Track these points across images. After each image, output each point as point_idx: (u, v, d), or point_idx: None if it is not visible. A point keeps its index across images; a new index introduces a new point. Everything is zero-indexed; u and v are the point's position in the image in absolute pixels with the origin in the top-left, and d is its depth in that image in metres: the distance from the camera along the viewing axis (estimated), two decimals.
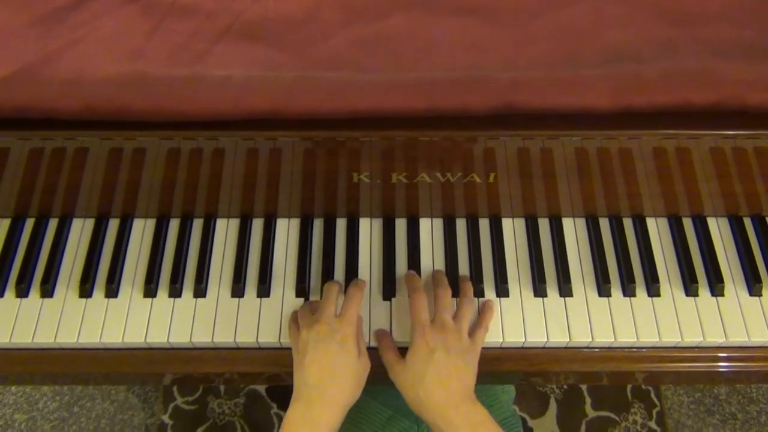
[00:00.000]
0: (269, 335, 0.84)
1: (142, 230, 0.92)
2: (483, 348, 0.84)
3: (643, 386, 1.60)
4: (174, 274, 0.88)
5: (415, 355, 0.76)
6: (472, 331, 0.81)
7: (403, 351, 0.80)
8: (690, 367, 0.87)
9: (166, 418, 1.57)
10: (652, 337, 0.84)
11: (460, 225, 0.92)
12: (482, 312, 0.84)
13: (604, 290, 0.86)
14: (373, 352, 0.82)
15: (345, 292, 0.84)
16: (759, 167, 0.83)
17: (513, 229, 0.92)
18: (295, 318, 0.84)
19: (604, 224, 0.92)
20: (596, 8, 0.83)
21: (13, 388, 1.62)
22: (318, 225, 0.93)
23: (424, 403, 0.73)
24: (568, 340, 0.84)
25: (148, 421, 1.59)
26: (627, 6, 0.84)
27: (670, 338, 0.84)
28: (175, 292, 0.87)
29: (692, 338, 0.84)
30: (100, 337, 0.84)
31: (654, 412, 1.57)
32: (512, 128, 0.76)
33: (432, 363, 0.74)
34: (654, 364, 0.86)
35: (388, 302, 0.87)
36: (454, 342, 0.76)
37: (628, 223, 0.92)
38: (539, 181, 0.86)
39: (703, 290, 0.87)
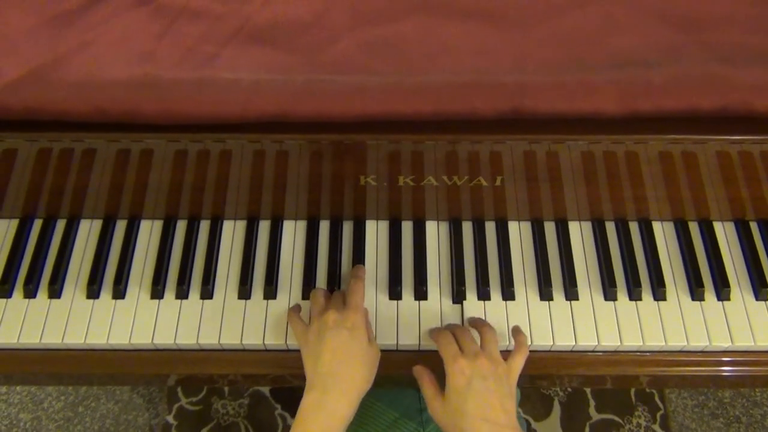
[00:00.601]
0: (276, 337, 0.84)
1: (149, 231, 0.92)
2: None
3: (647, 389, 1.60)
4: (181, 275, 0.88)
5: (452, 387, 0.74)
6: (510, 357, 0.79)
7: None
8: (695, 371, 0.87)
9: (170, 418, 1.57)
10: (657, 341, 0.84)
11: (467, 228, 0.92)
12: (515, 336, 0.83)
13: (610, 294, 0.87)
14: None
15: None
16: (765, 172, 0.83)
17: (519, 233, 0.92)
18: (294, 312, 0.84)
19: (611, 228, 0.92)
20: (604, 13, 0.83)
21: (18, 387, 1.63)
22: (324, 227, 0.93)
23: None
24: (573, 343, 0.84)
25: (153, 421, 1.59)
26: (634, 11, 0.84)
27: (676, 342, 0.84)
28: (182, 293, 0.87)
29: (698, 342, 0.84)
30: (108, 338, 0.84)
31: (658, 415, 1.57)
32: (519, 132, 0.77)
33: (471, 393, 0.72)
34: (659, 368, 0.86)
35: (394, 304, 0.87)
36: (489, 368, 0.75)
37: (634, 227, 0.92)
38: (546, 185, 0.86)
39: (709, 294, 0.87)
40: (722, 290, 0.86)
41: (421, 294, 0.87)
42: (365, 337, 0.78)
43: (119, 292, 0.87)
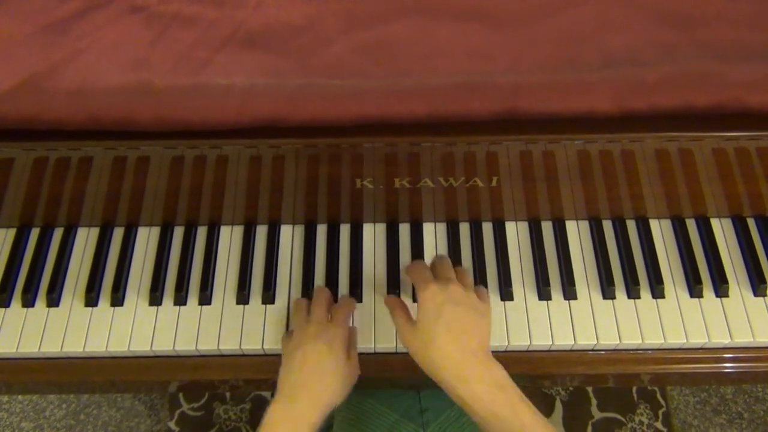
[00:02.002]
0: (275, 342, 0.84)
1: (146, 238, 0.92)
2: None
3: (649, 387, 1.60)
4: (179, 281, 0.88)
5: (423, 313, 0.71)
6: (477, 293, 0.77)
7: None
8: (695, 368, 0.87)
9: (172, 424, 1.57)
10: (657, 338, 0.84)
11: (464, 229, 0.92)
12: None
13: (608, 293, 0.87)
14: (378, 358, 0.82)
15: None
16: (761, 168, 0.83)
17: (516, 233, 0.92)
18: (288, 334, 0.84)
19: (608, 226, 0.92)
20: (597, 12, 0.84)
21: (19, 396, 1.62)
22: (322, 231, 0.93)
23: (438, 363, 0.69)
24: (573, 342, 0.84)
25: (155, 427, 1.59)
26: (628, 10, 0.84)
27: (675, 339, 0.84)
28: (181, 299, 0.87)
29: (697, 339, 0.84)
30: (107, 346, 0.84)
31: (660, 412, 1.57)
32: (514, 133, 0.77)
33: (442, 318, 0.70)
34: (659, 366, 0.86)
35: None
36: (461, 294, 0.72)
37: (631, 225, 0.92)
38: (542, 185, 0.86)
39: (708, 291, 0.87)
40: (720, 287, 0.86)
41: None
42: (343, 352, 0.76)
43: (117, 300, 0.87)
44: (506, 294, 0.87)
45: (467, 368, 0.68)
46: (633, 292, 0.87)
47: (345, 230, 0.93)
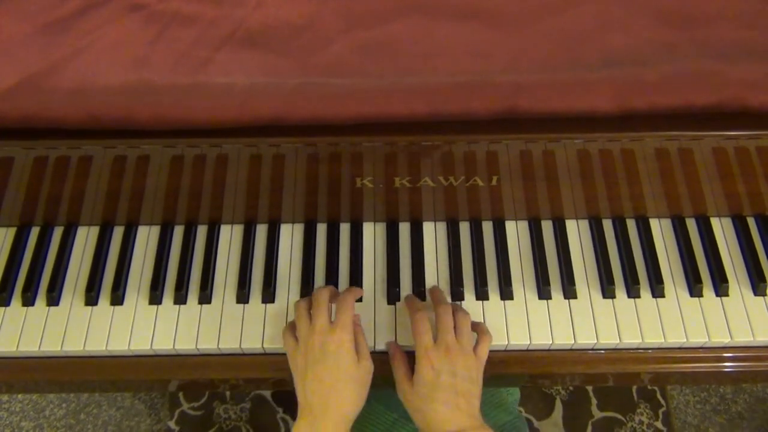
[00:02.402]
0: (275, 341, 0.84)
1: (146, 237, 0.92)
2: (489, 351, 0.84)
3: (649, 386, 1.60)
4: (179, 280, 0.88)
5: (421, 378, 0.75)
6: (475, 346, 0.80)
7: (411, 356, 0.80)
8: (695, 367, 0.87)
9: (172, 424, 1.57)
10: (657, 338, 0.84)
11: (464, 228, 0.92)
12: (477, 328, 0.83)
13: (608, 292, 0.87)
14: (378, 357, 0.82)
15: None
16: (761, 167, 0.83)
17: (516, 232, 0.92)
18: (289, 329, 0.82)
19: (608, 226, 0.92)
20: (597, 12, 0.84)
21: (19, 395, 1.63)
22: (321, 230, 0.93)
23: (432, 425, 0.73)
24: (573, 342, 0.84)
25: (155, 427, 1.59)
26: (628, 9, 0.84)
27: (675, 339, 0.84)
28: (181, 298, 0.87)
29: (697, 338, 0.84)
30: (107, 345, 0.84)
31: (660, 412, 1.57)
32: (514, 132, 0.77)
33: (439, 388, 0.74)
34: (659, 365, 0.86)
35: (392, 306, 0.87)
36: (459, 363, 0.75)
37: (631, 225, 0.92)
38: (542, 184, 0.86)
39: (708, 290, 0.87)
40: (720, 286, 0.86)
41: (419, 296, 0.87)
42: (353, 357, 0.76)
43: (117, 299, 0.87)
44: (506, 293, 0.87)
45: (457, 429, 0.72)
46: (633, 292, 0.86)
47: (345, 229, 0.93)
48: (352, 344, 0.76)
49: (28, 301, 0.87)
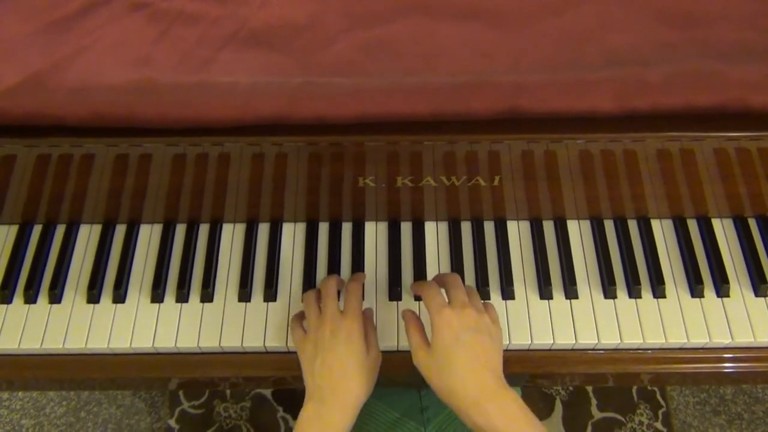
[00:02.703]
0: (276, 339, 0.85)
1: (148, 236, 0.92)
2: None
3: (649, 387, 1.60)
4: (181, 279, 0.88)
5: (440, 340, 0.71)
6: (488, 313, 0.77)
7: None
8: (696, 368, 0.87)
9: (172, 422, 1.57)
10: (658, 338, 0.84)
11: (466, 228, 0.92)
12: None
13: (609, 292, 0.87)
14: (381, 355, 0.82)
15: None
16: (763, 168, 0.83)
17: (518, 232, 0.92)
18: (297, 319, 0.83)
19: (609, 226, 0.92)
20: (599, 12, 0.84)
21: (20, 393, 1.63)
22: (324, 229, 0.93)
23: (454, 390, 0.69)
24: (574, 342, 0.84)
25: (155, 425, 1.59)
26: (629, 9, 0.84)
27: (676, 339, 0.84)
28: (183, 297, 0.87)
29: (698, 339, 0.84)
30: (108, 343, 0.84)
31: (660, 412, 1.57)
32: (516, 132, 0.77)
33: (459, 347, 0.70)
34: (660, 366, 0.87)
35: (394, 305, 0.87)
36: (477, 320, 0.72)
37: (633, 225, 0.92)
38: (544, 184, 0.86)
39: (709, 291, 0.87)
40: (722, 287, 0.87)
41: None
42: (362, 346, 0.75)
43: (119, 297, 0.87)
44: (508, 293, 0.87)
45: (483, 396, 0.68)
46: (634, 292, 0.87)
47: (347, 228, 0.93)
48: (362, 332, 0.76)
49: (30, 298, 0.87)
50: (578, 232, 0.92)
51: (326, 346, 0.75)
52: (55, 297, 0.87)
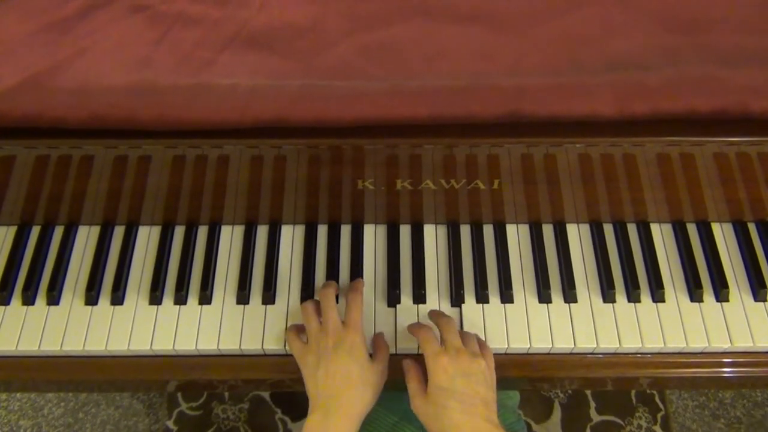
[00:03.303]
0: (275, 342, 0.84)
1: (147, 237, 0.92)
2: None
3: (648, 391, 1.60)
4: (179, 281, 0.88)
5: (435, 384, 0.73)
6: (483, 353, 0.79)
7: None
8: (695, 372, 0.87)
9: (170, 423, 1.57)
10: (657, 342, 0.84)
11: (465, 231, 0.92)
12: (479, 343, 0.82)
13: (608, 296, 0.87)
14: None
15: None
16: (763, 173, 0.83)
17: (517, 236, 0.92)
18: (294, 329, 0.83)
19: (609, 230, 0.92)
20: (600, 16, 0.84)
21: (18, 394, 1.62)
22: (322, 231, 0.93)
23: None
24: (573, 346, 0.84)
25: (153, 427, 1.59)
26: (630, 14, 0.84)
27: (675, 344, 0.84)
28: (181, 299, 0.87)
29: (697, 344, 0.84)
30: (106, 345, 0.84)
31: (659, 416, 1.57)
32: (516, 135, 0.77)
33: (454, 392, 0.72)
34: (659, 370, 0.86)
35: (392, 309, 0.87)
36: (472, 366, 0.74)
37: (632, 229, 0.92)
38: (543, 188, 0.86)
39: (708, 296, 0.87)
40: (721, 291, 0.86)
41: (419, 298, 0.87)
42: (365, 356, 0.76)
43: (118, 299, 0.87)
44: (506, 297, 0.87)
45: None
46: (633, 296, 0.87)
47: (346, 231, 0.93)
48: (364, 343, 0.77)
49: (28, 300, 0.87)
50: (578, 235, 0.92)
51: (330, 356, 0.75)
52: (53, 299, 0.87)
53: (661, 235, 0.92)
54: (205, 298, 0.87)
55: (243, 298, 0.87)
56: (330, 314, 0.78)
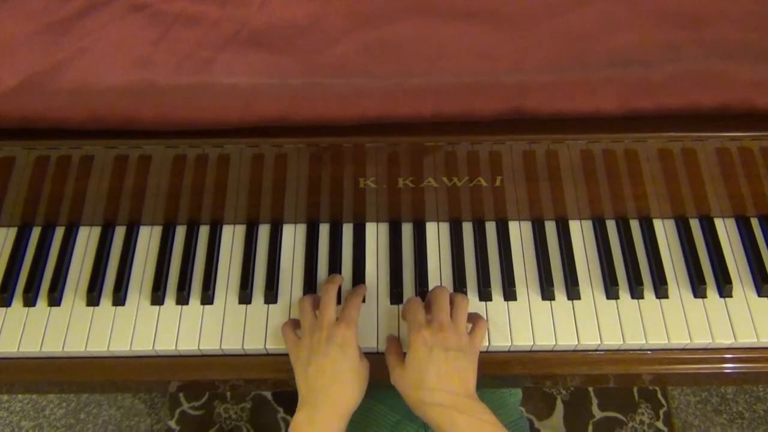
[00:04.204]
0: (277, 341, 0.84)
1: (148, 238, 0.92)
2: (492, 352, 0.84)
3: (650, 387, 1.60)
4: (181, 281, 0.88)
5: (413, 355, 0.74)
6: (471, 331, 0.80)
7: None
8: (698, 368, 0.86)
9: (172, 423, 1.57)
10: (660, 339, 0.84)
11: (467, 229, 0.92)
12: (475, 317, 0.83)
13: (612, 293, 0.86)
14: (379, 358, 0.82)
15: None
16: (765, 168, 0.83)
17: (520, 233, 0.92)
18: (290, 323, 0.83)
19: (611, 226, 0.92)
20: (603, 12, 0.83)
21: (19, 395, 1.62)
22: (324, 230, 0.93)
23: (426, 404, 0.72)
24: (576, 343, 0.84)
25: (155, 427, 1.59)
26: (633, 9, 0.84)
27: (679, 340, 0.84)
28: (183, 299, 0.87)
29: (701, 339, 0.84)
30: (108, 346, 0.84)
31: (661, 412, 1.57)
32: (518, 132, 0.76)
33: (431, 362, 0.72)
34: (661, 366, 0.86)
35: (395, 307, 0.87)
36: (452, 340, 0.75)
37: (635, 225, 0.92)
38: (545, 185, 0.86)
39: (711, 292, 0.87)
40: (724, 287, 0.86)
41: (421, 295, 0.87)
42: (356, 352, 0.76)
43: (119, 299, 0.87)
44: (509, 294, 0.87)
45: (452, 405, 0.71)
46: (636, 293, 0.86)
47: (348, 230, 0.93)
48: (356, 340, 0.77)
49: (30, 301, 0.87)
50: (580, 232, 0.92)
51: (321, 350, 0.75)
52: (55, 300, 0.87)
53: (664, 231, 0.92)
54: (207, 298, 0.87)
55: (245, 297, 0.87)
56: (327, 309, 0.79)
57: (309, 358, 0.75)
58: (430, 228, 0.93)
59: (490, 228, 0.92)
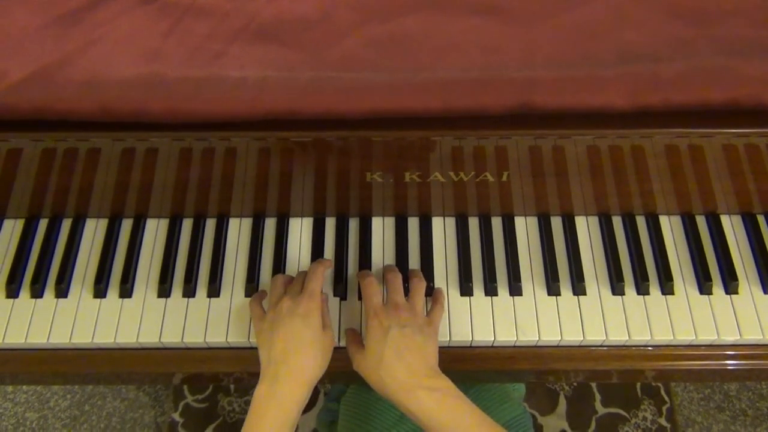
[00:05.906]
0: None
1: (155, 230, 0.92)
2: (497, 347, 0.84)
3: (653, 383, 1.60)
4: (188, 273, 0.88)
5: (370, 337, 0.76)
6: (429, 311, 0.82)
7: None
8: (702, 365, 0.87)
9: (176, 416, 1.57)
10: (666, 335, 0.84)
11: (473, 224, 0.92)
12: (435, 294, 0.86)
13: (617, 288, 0.86)
14: None
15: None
16: None
17: (526, 228, 0.92)
18: (257, 298, 0.84)
19: (617, 222, 0.92)
20: (612, 8, 0.83)
21: (24, 387, 1.63)
22: (330, 224, 0.93)
23: (387, 383, 0.73)
24: (582, 338, 0.84)
25: (159, 419, 1.59)
26: (642, 5, 0.83)
27: (685, 336, 0.84)
28: (189, 291, 0.87)
29: (706, 336, 0.84)
30: (115, 337, 0.84)
31: (664, 408, 1.57)
32: (526, 128, 0.76)
33: (388, 341, 0.74)
34: (666, 363, 0.86)
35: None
36: (408, 319, 0.76)
37: (641, 221, 0.92)
38: (552, 180, 0.86)
39: (717, 288, 0.87)
40: (730, 283, 0.86)
41: (427, 291, 0.87)
42: (318, 324, 0.77)
43: (126, 291, 0.87)
44: (515, 289, 0.87)
45: (415, 381, 0.72)
46: (642, 289, 0.86)
47: (354, 223, 0.93)
48: (320, 312, 0.78)
49: (37, 293, 0.87)
50: (586, 228, 0.92)
51: (283, 320, 0.76)
52: (62, 291, 0.87)
53: (670, 228, 0.92)
54: (214, 291, 0.87)
55: (251, 290, 0.87)
56: (295, 283, 0.82)
57: (271, 329, 0.76)
58: (437, 223, 0.93)
59: (497, 223, 0.92)
